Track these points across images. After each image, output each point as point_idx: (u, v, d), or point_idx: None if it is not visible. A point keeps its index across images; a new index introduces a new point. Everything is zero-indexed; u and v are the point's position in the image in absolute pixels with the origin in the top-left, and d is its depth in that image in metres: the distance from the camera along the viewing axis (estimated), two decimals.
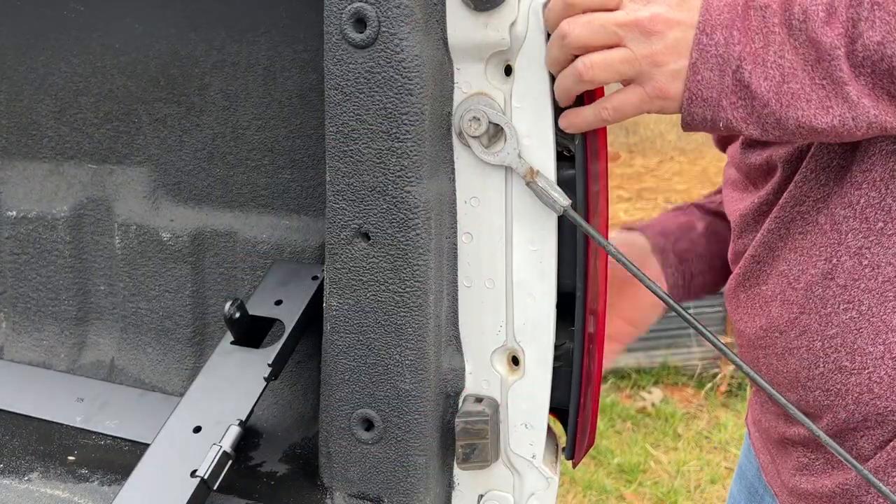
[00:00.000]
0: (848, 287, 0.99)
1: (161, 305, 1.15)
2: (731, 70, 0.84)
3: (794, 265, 1.03)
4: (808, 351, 1.03)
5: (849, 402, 1.00)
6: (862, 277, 0.97)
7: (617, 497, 3.41)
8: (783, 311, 1.05)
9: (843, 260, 0.98)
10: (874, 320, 0.98)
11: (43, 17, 1.13)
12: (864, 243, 0.97)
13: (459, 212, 0.89)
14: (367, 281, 0.87)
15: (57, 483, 0.98)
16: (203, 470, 0.86)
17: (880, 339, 0.97)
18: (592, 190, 0.90)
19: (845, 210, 0.97)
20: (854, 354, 0.99)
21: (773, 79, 0.84)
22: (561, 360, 0.97)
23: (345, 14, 0.80)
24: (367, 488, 0.93)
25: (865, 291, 0.97)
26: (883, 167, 0.94)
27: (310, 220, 1.09)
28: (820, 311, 1.01)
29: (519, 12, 0.81)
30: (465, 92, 0.86)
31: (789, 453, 1.15)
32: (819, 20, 0.82)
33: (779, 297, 1.06)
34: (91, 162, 1.18)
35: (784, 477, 1.17)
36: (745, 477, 1.38)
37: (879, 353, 0.97)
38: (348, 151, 0.84)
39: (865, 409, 0.99)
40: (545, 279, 0.88)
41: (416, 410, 0.88)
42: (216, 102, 1.09)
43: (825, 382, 1.02)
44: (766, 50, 0.84)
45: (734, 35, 0.84)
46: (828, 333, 1.01)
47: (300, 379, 1.11)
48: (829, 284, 1.00)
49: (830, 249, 0.99)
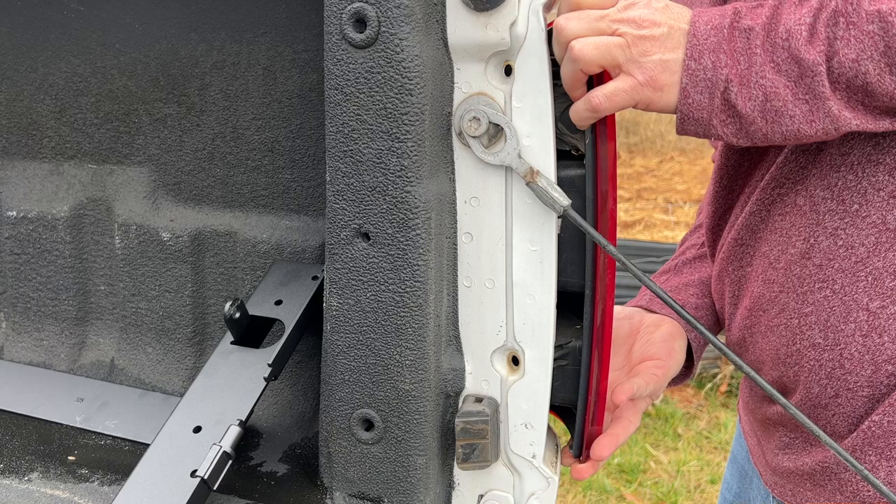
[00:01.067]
0: (823, 266, 1.03)
1: (161, 305, 1.15)
2: (720, 91, 0.89)
3: (775, 246, 1.07)
4: (786, 328, 1.07)
5: (822, 377, 1.05)
6: (836, 257, 1.01)
7: (617, 497, 3.41)
8: (765, 290, 1.09)
9: (820, 240, 1.02)
10: (846, 299, 1.02)
11: (43, 17, 1.13)
12: (840, 224, 1.01)
13: (459, 212, 0.89)
14: (367, 281, 0.87)
15: (57, 483, 0.98)
16: (203, 470, 0.86)
17: (851, 316, 1.01)
18: (601, 189, 0.90)
19: (824, 192, 1.01)
20: (827, 331, 1.03)
21: (757, 98, 0.89)
22: (568, 358, 0.98)
23: (345, 14, 0.80)
24: (367, 488, 0.93)
25: (839, 271, 1.01)
26: (861, 151, 0.97)
27: (310, 220, 1.09)
28: (797, 289, 1.05)
29: (519, 12, 0.81)
30: (465, 92, 0.86)
31: (772, 433, 1.19)
32: (802, 39, 0.87)
33: (761, 276, 1.10)
34: (91, 162, 1.18)
35: (768, 457, 1.21)
36: (736, 461, 1.42)
37: (850, 330, 1.02)
38: (348, 151, 0.84)
39: (837, 385, 1.04)
40: (545, 279, 0.88)
41: (416, 410, 0.88)
42: (216, 102, 1.09)
43: (801, 358, 1.06)
44: (749, 70, 0.89)
45: (721, 58, 0.89)
46: (804, 311, 1.05)
47: (300, 379, 1.11)
48: (807, 264, 1.04)
49: (808, 230, 1.03)
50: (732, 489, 1.43)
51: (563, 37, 0.87)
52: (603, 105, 0.88)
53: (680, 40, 0.90)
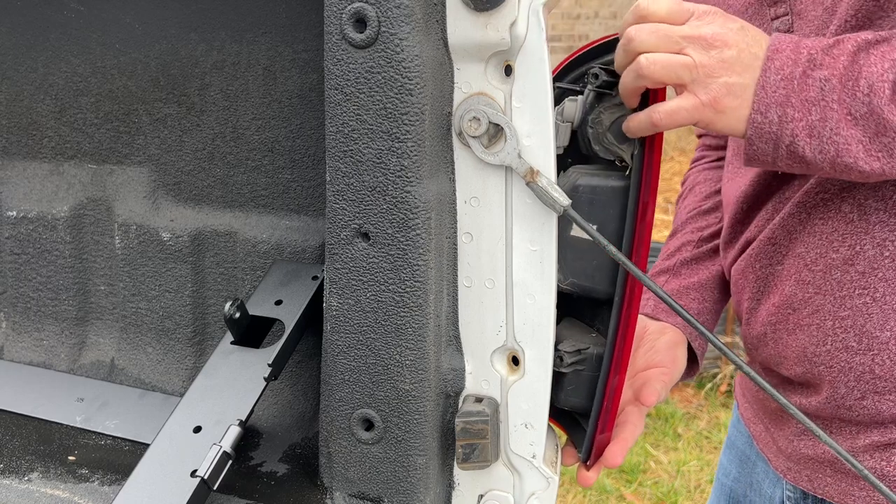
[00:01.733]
0: (866, 274, 1.05)
1: (161, 305, 1.15)
2: (785, 145, 0.91)
3: (813, 248, 1.09)
4: (818, 329, 1.10)
5: (850, 379, 1.08)
6: (881, 267, 1.04)
7: (617, 497, 3.41)
8: (797, 290, 1.11)
9: (867, 248, 1.04)
10: (885, 308, 1.04)
11: (43, 17, 1.13)
12: (889, 236, 1.03)
13: (459, 212, 0.89)
14: (367, 281, 0.87)
15: (57, 483, 0.98)
16: (203, 470, 0.86)
17: (888, 325, 1.04)
18: (643, 200, 0.91)
19: (876, 202, 1.03)
20: (862, 336, 1.06)
21: (828, 153, 0.90)
22: (584, 364, 0.98)
23: (345, 14, 0.80)
24: (368, 488, 0.93)
25: (882, 280, 1.04)
26: None
27: (310, 220, 1.09)
28: (836, 293, 1.07)
29: (519, 12, 0.81)
30: (465, 92, 0.86)
31: (786, 422, 1.22)
32: (885, 97, 0.87)
33: (794, 276, 1.11)
34: (91, 162, 1.18)
35: (781, 443, 1.24)
36: (734, 447, 1.44)
37: (886, 338, 1.05)
38: (348, 151, 0.84)
39: (864, 387, 1.07)
40: (545, 279, 0.88)
41: (416, 410, 0.88)
42: (216, 102, 1.09)
43: (831, 359, 1.09)
44: (823, 124, 0.89)
45: (788, 113, 0.90)
46: (840, 314, 1.07)
47: (300, 379, 1.11)
48: (849, 269, 1.06)
49: (854, 237, 1.05)
50: (731, 474, 1.45)
51: (631, 47, 0.88)
52: (663, 122, 0.89)
53: (749, 64, 0.90)
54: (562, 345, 0.98)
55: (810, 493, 1.21)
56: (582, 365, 0.98)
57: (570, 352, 0.98)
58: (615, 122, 0.94)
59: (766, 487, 1.33)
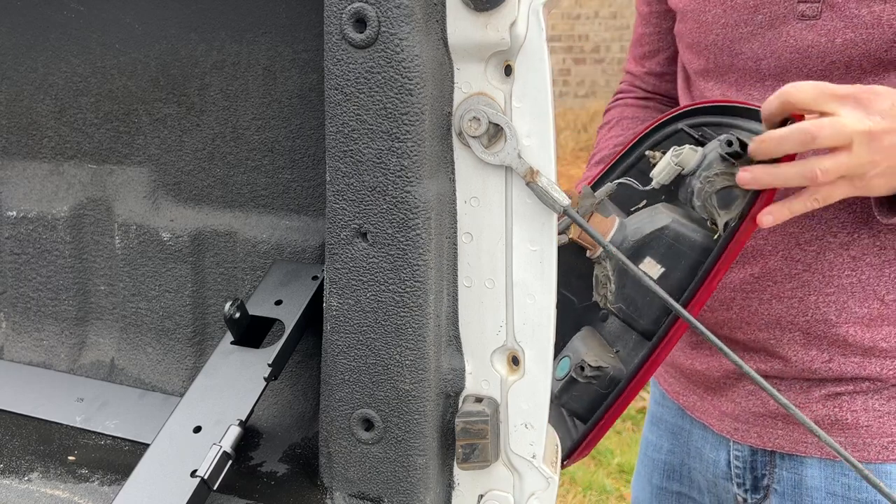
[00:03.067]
0: (857, 259, 1.18)
1: (161, 305, 1.15)
2: None
3: (807, 230, 1.20)
4: (800, 301, 1.22)
5: (823, 345, 1.22)
6: (870, 253, 1.17)
7: (617, 497, 3.41)
8: (784, 265, 1.22)
9: (863, 237, 1.17)
10: (868, 289, 1.18)
11: (43, 17, 1.13)
12: (884, 228, 1.15)
13: (459, 212, 0.89)
14: (367, 281, 0.87)
15: (57, 483, 0.98)
16: (203, 470, 0.86)
17: (867, 304, 1.19)
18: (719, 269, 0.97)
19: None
20: (842, 311, 1.20)
21: None
22: (598, 380, 1.00)
23: (345, 14, 0.80)
24: (367, 488, 0.93)
25: (869, 265, 1.17)
26: None
27: (310, 220, 1.09)
28: (825, 272, 1.19)
29: (519, 12, 0.81)
30: (465, 92, 0.86)
31: (731, 387, 1.33)
32: None
33: (781, 252, 1.22)
34: (91, 162, 1.18)
35: (725, 407, 1.35)
36: (662, 421, 1.52)
37: (863, 313, 1.19)
38: (348, 151, 0.84)
39: (834, 352, 1.22)
40: (545, 279, 0.88)
41: (416, 410, 0.88)
42: (216, 102, 1.09)
43: (808, 327, 1.22)
44: None
45: None
46: (826, 291, 1.20)
47: (300, 379, 1.11)
48: (842, 253, 1.18)
49: (853, 226, 1.17)
50: (663, 448, 1.51)
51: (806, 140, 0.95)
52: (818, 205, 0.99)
53: None
54: (587, 356, 1.01)
55: (759, 447, 1.30)
56: (596, 381, 1.01)
57: (593, 367, 1.01)
58: (724, 190, 0.98)
59: (708, 452, 1.40)
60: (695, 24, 1.30)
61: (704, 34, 1.28)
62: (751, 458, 1.32)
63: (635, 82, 1.58)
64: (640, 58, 1.56)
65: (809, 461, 1.26)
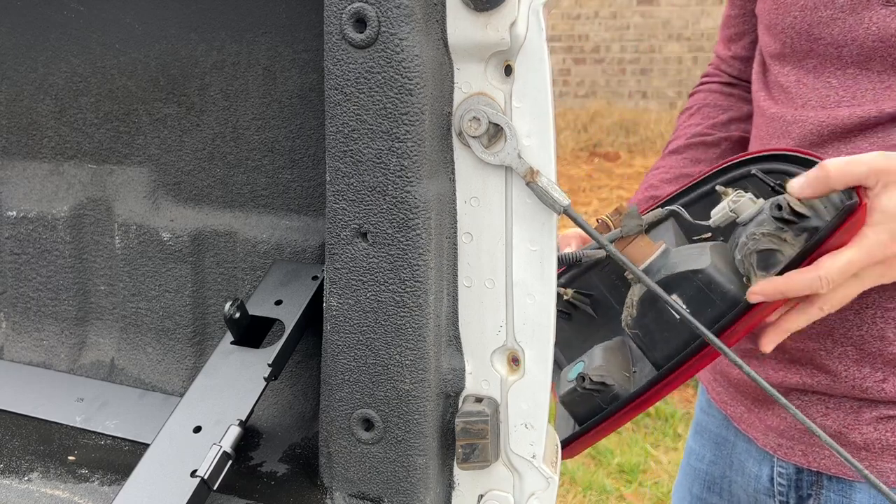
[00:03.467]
0: None
1: (161, 305, 1.15)
2: None
3: None
4: (856, 315, 1.17)
5: (878, 363, 1.16)
6: None
7: (617, 497, 3.41)
8: None
9: None
10: None
11: (43, 17, 1.13)
12: None
13: (459, 212, 0.89)
14: (367, 281, 0.87)
15: (57, 483, 0.98)
16: (203, 470, 0.86)
17: None
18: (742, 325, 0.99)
19: None
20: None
21: None
22: (600, 393, 1.01)
23: (345, 14, 0.80)
24: (367, 488, 0.93)
25: None
26: None
27: (310, 220, 1.09)
28: (888, 290, 1.14)
29: (519, 12, 0.81)
30: (465, 92, 0.86)
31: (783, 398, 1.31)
32: None
33: None
34: (91, 162, 1.18)
35: (771, 421, 1.30)
36: (706, 430, 1.48)
37: None
38: (348, 151, 0.84)
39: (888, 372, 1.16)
40: (545, 279, 0.88)
41: (416, 410, 0.88)
42: (216, 102, 1.09)
43: (863, 342, 1.17)
44: None
45: None
46: (886, 306, 1.15)
47: (300, 379, 1.11)
48: None
49: None
50: (705, 458, 1.47)
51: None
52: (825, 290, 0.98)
53: None
54: (595, 369, 1.01)
55: (804, 467, 1.25)
56: (598, 394, 1.01)
57: (594, 381, 1.01)
58: (766, 252, 0.97)
59: (751, 466, 1.36)
60: (773, 4, 1.25)
61: (782, 15, 1.22)
62: (796, 477, 1.28)
63: (721, 66, 1.53)
64: (727, 40, 1.50)
65: (859, 486, 1.20)
